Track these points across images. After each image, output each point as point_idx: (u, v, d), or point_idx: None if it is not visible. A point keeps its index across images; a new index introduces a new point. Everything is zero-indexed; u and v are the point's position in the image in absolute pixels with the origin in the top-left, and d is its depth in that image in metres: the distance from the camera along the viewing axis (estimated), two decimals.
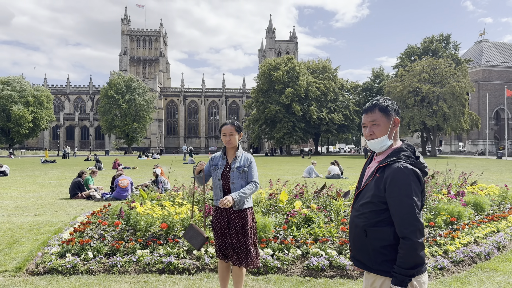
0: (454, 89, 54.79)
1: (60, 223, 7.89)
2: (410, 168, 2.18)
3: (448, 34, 70.04)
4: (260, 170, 25.30)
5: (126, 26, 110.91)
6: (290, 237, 5.77)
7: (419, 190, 2.18)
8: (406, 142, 2.39)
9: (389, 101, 2.40)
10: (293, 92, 63.36)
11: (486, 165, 29.78)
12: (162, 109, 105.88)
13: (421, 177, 2.22)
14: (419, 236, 2.12)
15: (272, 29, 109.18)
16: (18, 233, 7.08)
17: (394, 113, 2.37)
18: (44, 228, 7.40)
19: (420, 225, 2.12)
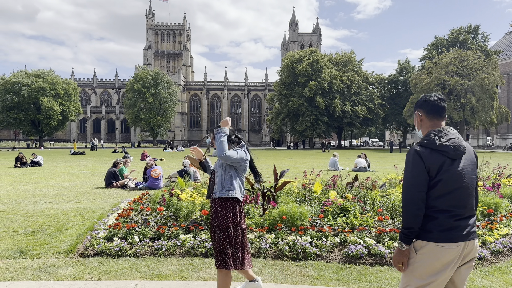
0: (483, 81, 53.34)
1: (101, 209, 8.22)
2: (414, 149, 2.59)
3: (477, 25, 68.01)
4: (285, 163, 25.40)
5: (151, 20, 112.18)
6: (327, 226, 5.89)
7: (419, 165, 2.53)
8: (438, 129, 2.66)
9: (418, 101, 2.81)
10: (317, 85, 62.94)
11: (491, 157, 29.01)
12: (186, 103, 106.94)
13: (425, 154, 2.54)
14: (409, 199, 2.54)
15: (295, 22, 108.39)
16: (63, 218, 7.43)
17: (417, 109, 2.79)
18: (87, 214, 7.73)
19: (410, 193, 2.54)
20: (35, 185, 13.19)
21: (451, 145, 2.56)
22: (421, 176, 2.52)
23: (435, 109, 2.69)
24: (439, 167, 2.53)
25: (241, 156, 3.69)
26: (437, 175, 2.53)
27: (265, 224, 5.93)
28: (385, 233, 5.60)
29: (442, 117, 2.71)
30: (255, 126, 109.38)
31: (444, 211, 2.55)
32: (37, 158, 22.30)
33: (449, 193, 2.55)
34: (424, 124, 2.73)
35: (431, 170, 2.54)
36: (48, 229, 6.59)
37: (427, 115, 2.71)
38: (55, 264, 4.98)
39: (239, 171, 3.76)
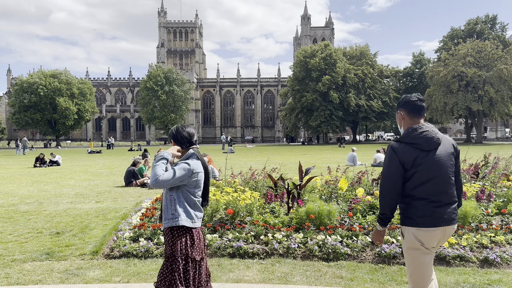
0: (502, 72, 52.13)
1: (124, 209, 8.17)
2: (391, 145, 2.94)
3: (494, 15, 66.39)
4: (301, 159, 25.18)
5: (163, 19, 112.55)
6: (357, 224, 5.70)
7: (394, 159, 2.86)
8: (415, 126, 2.93)
9: (400, 101, 3.11)
10: (330, 79, 62.37)
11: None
12: (199, 100, 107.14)
13: (398, 150, 2.87)
14: (385, 189, 2.87)
15: (307, 16, 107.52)
16: (86, 218, 7.40)
17: (399, 108, 3.10)
18: (110, 214, 7.69)
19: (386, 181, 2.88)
20: (55, 185, 13.26)
21: (423, 137, 2.85)
22: (396, 170, 2.85)
23: (415, 108, 2.99)
24: (414, 160, 2.83)
25: (182, 172, 2.95)
26: (412, 167, 2.84)
27: (292, 223, 5.78)
28: None
29: (421, 116, 3.00)
30: (268, 122, 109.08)
31: (422, 199, 2.84)
32: (56, 158, 22.52)
33: (426, 183, 2.83)
34: (405, 122, 3.03)
35: (406, 163, 2.84)
36: (72, 230, 6.55)
37: (408, 114, 3.01)
38: (82, 266, 4.92)
39: (188, 188, 3.04)
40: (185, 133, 3.24)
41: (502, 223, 5.87)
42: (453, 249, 5.02)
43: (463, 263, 4.82)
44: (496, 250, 5.00)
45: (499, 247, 5.15)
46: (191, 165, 3.01)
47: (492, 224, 5.72)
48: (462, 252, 4.92)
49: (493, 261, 4.80)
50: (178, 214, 3.02)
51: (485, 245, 5.16)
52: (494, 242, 5.24)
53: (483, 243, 5.17)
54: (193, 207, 3.10)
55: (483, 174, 7.65)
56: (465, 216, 5.68)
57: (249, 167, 18.61)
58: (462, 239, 5.24)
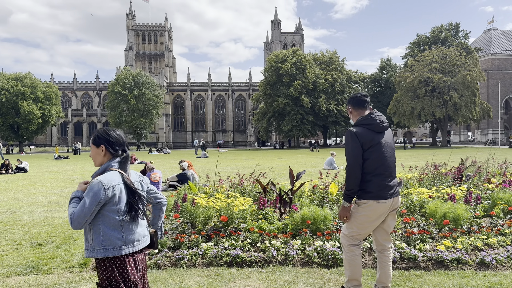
0: (465, 78, 54.24)
1: None
2: (349, 130, 3.46)
3: (457, 23, 69.20)
4: (276, 163, 25.22)
5: (131, 21, 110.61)
6: None
7: (355, 141, 3.38)
8: (364, 115, 3.56)
9: (349, 98, 3.76)
10: (302, 84, 63.02)
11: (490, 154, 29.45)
12: (169, 104, 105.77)
13: (358, 133, 3.41)
14: (352, 167, 3.43)
15: (277, 22, 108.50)
16: (67, 228, 7.03)
17: (348, 104, 3.78)
18: None
19: (352, 161, 3.41)
20: (26, 192, 12.63)
21: (377, 120, 3.45)
22: (357, 150, 3.37)
23: (359, 102, 3.61)
24: (370, 141, 3.38)
25: (91, 194, 2.42)
26: (370, 148, 3.38)
27: (288, 229, 5.69)
28: (414, 234, 5.42)
29: (365, 108, 3.61)
30: (240, 126, 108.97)
31: (378, 175, 3.42)
32: (23, 164, 21.55)
33: (380, 161, 3.40)
34: (353, 115, 3.68)
35: (364, 143, 3.37)
36: (55, 241, 6.20)
37: (353, 107, 3.65)
38: (71, 280, 4.63)
39: (108, 207, 2.49)
40: (114, 138, 2.70)
41: (491, 225, 6.00)
42: (450, 252, 5.06)
43: (461, 266, 4.86)
44: (491, 252, 5.09)
45: (493, 249, 5.24)
46: (102, 181, 2.47)
47: (483, 226, 5.82)
48: (459, 255, 4.96)
49: (489, 263, 4.86)
50: (96, 243, 2.49)
51: (480, 247, 5.24)
52: (487, 245, 5.33)
53: (478, 245, 5.25)
54: (118, 229, 2.52)
55: (466, 177, 7.84)
56: (457, 219, 5.76)
57: (228, 171, 18.48)
58: (457, 242, 5.30)
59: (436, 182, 7.80)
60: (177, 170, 20.00)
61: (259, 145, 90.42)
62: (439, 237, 5.56)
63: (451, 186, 7.36)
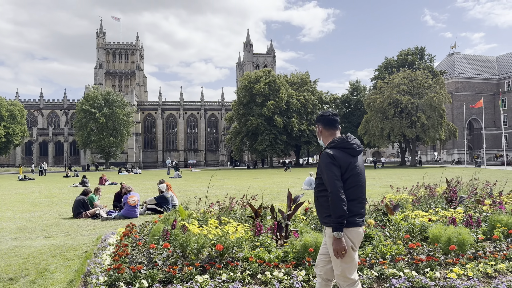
0: (432, 100, 56.05)
1: (83, 246, 7.20)
2: (326, 152, 3.28)
3: (423, 47, 72.05)
4: (253, 183, 24.83)
5: (102, 40, 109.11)
6: (359, 257, 5.34)
7: (334, 164, 3.21)
8: (337, 137, 3.41)
9: (317, 116, 3.59)
10: (275, 104, 63.43)
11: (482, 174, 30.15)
12: (139, 123, 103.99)
13: (336, 156, 3.24)
14: (337, 192, 3.14)
15: (250, 43, 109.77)
16: (41, 259, 6.36)
17: (317, 123, 3.57)
18: (68, 253, 6.70)
19: (336, 185, 3.16)
20: None
21: (354, 144, 3.33)
22: (337, 173, 3.19)
23: (330, 121, 3.46)
24: (348, 165, 3.25)
25: None
26: (347, 171, 3.24)
27: (289, 258, 5.30)
28: (423, 261, 5.15)
29: (336, 128, 3.47)
30: (212, 145, 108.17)
31: (354, 200, 3.26)
32: None
33: (356, 185, 3.27)
34: (323, 134, 3.50)
35: (342, 167, 3.22)
36: (28, 274, 5.54)
37: (324, 127, 3.48)
38: None
39: None
40: None
41: (495, 250, 5.82)
42: (462, 281, 4.80)
43: None
44: (504, 280, 4.87)
45: (504, 276, 5.03)
46: None
47: (490, 251, 5.63)
48: (472, 283, 4.70)
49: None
50: None
51: (490, 274, 5.02)
52: (497, 271, 5.12)
53: (488, 272, 5.03)
54: None
55: (460, 199, 7.74)
56: (463, 243, 5.54)
57: (206, 192, 17.89)
58: (467, 269, 5.06)
59: (431, 204, 7.64)
60: (152, 191, 19.25)
61: (232, 164, 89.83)
62: (446, 263, 5.31)
63: (447, 209, 7.20)
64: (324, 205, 3.32)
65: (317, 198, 3.42)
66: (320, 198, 3.37)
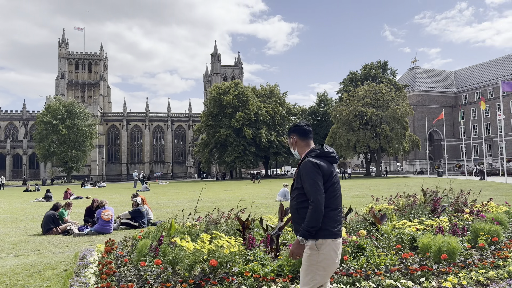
0: (396, 112, 57.91)
1: (61, 264, 6.78)
2: (309, 161, 3.21)
3: (386, 61, 74.59)
4: (225, 195, 24.59)
5: (64, 49, 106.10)
6: (354, 268, 5.31)
7: (319, 173, 3.15)
8: (314, 146, 3.42)
9: (290, 127, 3.55)
10: (244, 116, 63.55)
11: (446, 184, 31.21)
12: (103, 135, 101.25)
13: (321, 164, 3.19)
14: (319, 202, 3.08)
15: (217, 55, 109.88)
16: (17, 279, 5.93)
17: (291, 134, 3.51)
18: (46, 272, 6.28)
19: (319, 194, 3.10)
20: None
21: (333, 153, 3.32)
22: (320, 182, 3.14)
23: (305, 132, 3.44)
24: (330, 174, 3.22)
25: None
26: (328, 180, 3.20)
27: (285, 272, 5.19)
28: (418, 271, 5.17)
29: (310, 138, 3.46)
30: (179, 157, 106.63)
31: (336, 209, 3.23)
32: None
33: (335, 195, 3.23)
34: (299, 145, 3.45)
35: (324, 176, 3.18)
36: None
37: (300, 137, 3.45)
38: None
39: None
40: None
41: (482, 257, 5.95)
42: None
43: None
44: (496, 287, 4.96)
45: (495, 283, 5.13)
46: None
47: (479, 259, 5.75)
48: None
49: None
50: None
51: (482, 282, 5.10)
52: (488, 279, 5.22)
53: (480, 280, 5.11)
54: None
55: (442, 207, 7.91)
56: (453, 252, 5.63)
57: (178, 205, 17.50)
58: (461, 278, 5.12)
59: (415, 214, 7.77)
60: (121, 205, 18.65)
61: (199, 176, 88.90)
62: (439, 272, 5.36)
63: (432, 218, 7.34)
64: (305, 216, 3.17)
65: (297, 210, 3.27)
66: (300, 209, 3.23)
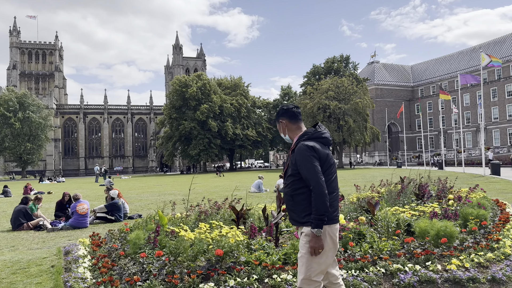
0: (357, 105, 59.32)
1: (45, 260, 6.34)
2: (305, 144, 3.07)
3: (348, 55, 76.08)
4: (196, 188, 24.23)
5: (16, 38, 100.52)
6: (362, 254, 5.30)
7: (315, 157, 3.02)
8: (308, 128, 3.27)
9: (278, 111, 3.39)
10: (208, 108, 62.90)
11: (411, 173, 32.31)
12: (59, 128, 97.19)
13: (316, 147, 3.06)
14: (321, 186, 2.95)
15: (179, 46, 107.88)
16: (0, 277, 5.48)
17: (280, 118, 3.35)
18: (31, 269, 5.85)
19: (319, 178, 2.97)
20: None
21: (327, 134, 3.19)
22: (319, 166, 3.01)
23: (295, 114, 3.31)
24: (326, 157, 3.08)
25: None
26: (325, 163, 3.07)
27: (293, 259, 5.10)
28: (422, 255, 5.23)
29: (301, 120, 3.35)
30: (140, 151, 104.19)
31: (333, 193, 3.09)
32: None
33: (332, 178, 3.11)
34: (289, 128, 3.31)
35: (321, 159, 3.05)
36: None
37: (290, 120, 3.30)
38: None
39: None
40: None
41: (475, 240, 6.12)
42: (463, 272, 4.94)
43: (477, 285, 4.76)
44: (497, 269, 5.10)
45: (495, 264, 5.28)
46: None
47: (473, 242, 5.90)
48: (472, 274, 4.87)
49: (500, 280, 4.84)
50: None
51: (482, 264, 5.23)
52: (488, 261, 5.36)
53: (481, 262, 5.24)
54: None
55: (428, 194, 8.11)
56: (451, 236, 5.75)
57: (149, 198, 17.04)
58: (463, 261, 5.23)
59: (405, 201, 7.92)
60: (88, 199, 17.92)
61: (162, 170, 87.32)
62: (440, 256, 5.45)
63: (421, 204, 7.50)
64: (302, 203, 3.07)
65: (292, 197, 3.14)
66: (297, 196, 3.10)
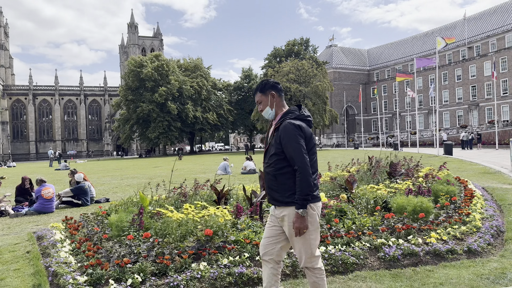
0: (317, 88, 60.16)
1: (17, 246, 6.02)
2: (291, 123, 3.02)
3: (308, 38, 76.54)
4: (158, 171, 23.85)
5: None
6: (344, 230, 5.44)
7: (302, 136, 2.99)
8: (291, 107, 3.22)
9: (265, 82, 3.28)
10: (167, 90, 61.48)
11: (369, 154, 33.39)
12: (6, 110, 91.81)
13: (302, 127, 3.05)
14: (307, 166, 2.94)
15: (134, 24, 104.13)
16: None
17: (269, 90, 3.24)
18: (4, 255, 5.52)
19: (306, 159, 2.96)
20: None
21: (309, 115, 3.18)
22: (303, 144, 2.99)
23: (282, 91, 3.29)
24: (310, 136, 3.07)
25: None
26: (309, 143, 3.05)
27: None
28: (403, 230, 5.45)
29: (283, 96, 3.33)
30: (94, 134, 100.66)
31: (315, 173, 3.06)
32: None
33: (313, 158, 3.08)
34: (277, 102, 3.25)
35: (306, 138, 3.03)
36: None
37: (279, 94, 3.26)
38: None
39: None
40: None
41: (448, 215, 6.44)
42: (442, 244, 5.20)
43: (455, 256, 5.03)
44: (472, 240, 5.40)
45: (469, 236, 5.59)
46: None
47: (444, 216, 6.21)
48: (451, 246, 5.13)
49: (476, 251, 5.14)
50: None
51: (458, 236, 5.52)
52: (462, 233, 5.66)
53: (456, 235, 5.53)
54: None
55: (399, 173, 8.42)
56: (427, 211, 6.02)
57: (112, 183, 16.58)
58: (440, 234, 5.49)
59: (379, 179, 8.18)
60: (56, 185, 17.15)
61: (120, 154, 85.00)
62: (418, 230, 5.70)
63: (394, 182, 7.78)
64: (286, 183, 3.05)
65: (275, 177, 3.09)
66: (280, 176, 3.07)
